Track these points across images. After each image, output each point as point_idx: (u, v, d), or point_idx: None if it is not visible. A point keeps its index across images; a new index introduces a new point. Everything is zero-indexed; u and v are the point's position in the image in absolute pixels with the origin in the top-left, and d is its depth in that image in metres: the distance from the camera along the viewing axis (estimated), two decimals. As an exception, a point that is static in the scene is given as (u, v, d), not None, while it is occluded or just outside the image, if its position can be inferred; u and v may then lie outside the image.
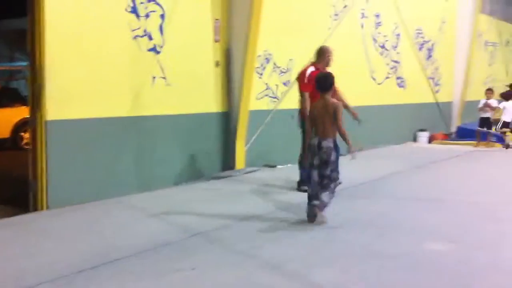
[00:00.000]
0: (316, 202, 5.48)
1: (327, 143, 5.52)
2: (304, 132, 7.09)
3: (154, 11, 7.19)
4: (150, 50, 7.16)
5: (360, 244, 4.90)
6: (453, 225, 5.65)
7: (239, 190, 7.32)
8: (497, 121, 13.65)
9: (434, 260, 4.48)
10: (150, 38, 7.14)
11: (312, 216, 5.53)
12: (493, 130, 13.32)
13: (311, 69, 7.06)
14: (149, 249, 4.67)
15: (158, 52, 7.27)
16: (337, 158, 5.76)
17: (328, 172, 5.55)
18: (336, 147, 5.64)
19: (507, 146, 12.76)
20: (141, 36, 7.02)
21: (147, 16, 7.08)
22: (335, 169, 5.75)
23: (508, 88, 18.77)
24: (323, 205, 5.52)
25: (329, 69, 6.85)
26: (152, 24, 7.17)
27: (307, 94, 6.98)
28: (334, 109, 5.53)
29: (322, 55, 7.17)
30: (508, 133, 13.43)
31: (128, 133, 6.98)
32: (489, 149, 12.70)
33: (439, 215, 6.08)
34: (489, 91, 13.51)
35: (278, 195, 7.03)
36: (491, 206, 6.54)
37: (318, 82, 5.79)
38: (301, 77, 7.08)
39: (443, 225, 5.63)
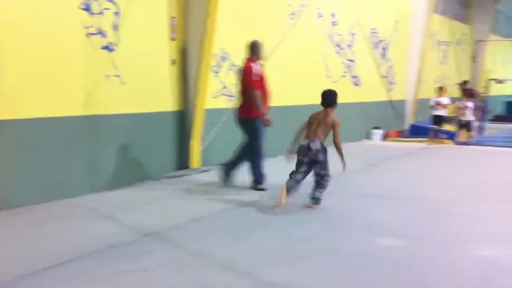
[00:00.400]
0: (290, 183, 6.25)
1: (315, 145, 6.23)
2: (257, 133, 7.09)
3: (108, 9, 7.10)
4: (104, 48, 7.07)
5: (312, 241, 4.99)
6: (405, 221, 5.82)
7: (192, 190, 7.32)
8: (453, 118, 14.12)
9: (385, 255, 4.62)
10: (104, 36, 7.05)
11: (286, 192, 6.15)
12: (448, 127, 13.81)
13: (256, 66, 7.09)
14: (100, 250, 4.63)
15: (112, 50, 7.18)
16: (325, 159, 6.34)
17: (323, 171, 6.32)
18: (324, 149, 6.29)
19: (464, 143, 13.16)
20: (95, 34, 6.92)
21: (100, 13, 6.99)
22: (326, 168, 6.38)
23: (458, 86, 19.42)
24: (318, 201, 6.34)
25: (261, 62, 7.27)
26: (106, 22, 7.08)
27: (258, 92, 6.99)
28: (333, 125, 6.31)
29: (257, 49, 7.18)
30: (463, 132, 13.88)
31: (81, 133, 6.88)
32: (441, 146, 13.07)
33: (391, 211, 6.24)
34: (441, 90, 13.92)
35: (231, 194, 7.05)
36: (442, 202, 6.75)
37: (326, 98, 6.44)
38: (247, 75, 7.00)
39: (394, 221, 5.80)
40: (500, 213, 6.24)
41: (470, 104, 13.80)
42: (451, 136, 14.02)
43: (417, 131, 14.84)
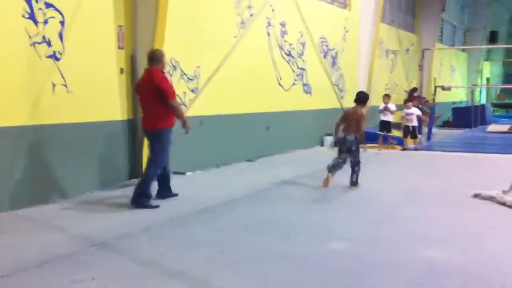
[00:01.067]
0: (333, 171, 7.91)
1: (350, 137, 7.97)
2: (164, 150, 6.95)
3: (53, 17, 6.99)
4: (49, 56, 6.94)
5: (264, 247, 5.04)
6: (354, 225, 5.94)
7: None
8: (399, 124, 14.53)
9: (334, 258, 4.71)
10: (49, 44, 6.93)
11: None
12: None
13: (166, 75, 7.07)
14: (47, 261, 4.54)
15: (58, 59, 7.07)
16: (357, 149, 8.10)
17: (357, 158, 8.06)
18: (356, 140, 8.00)
19: (414, 149, 13.54)
20: (40, 43, 6.79)
21: (45, 22, 6.87)
22: (358, 156, 8.10)
23: (407, 94, 19.99)
24: (356, 183, 8.09)
25: None
26: (51, 31, 6.95)
27: (176, 101, 7.16)
28: (361, 118, 8.02)
29: (160, 58, 6.92)
30: (409, 138, 14.29)
31: (27, 143, 6.71)
32: (390, 151, 13.39)
33: (339, 215, 6.37)
34: (386, 97, 14.47)
35: (182, 201, 7.05)
36: (384, 206, 6.93)
37: (357, 97, 8.35)
38: (163, 84, 6.75)
39: (343, 225, 5.91)
40: (442, 217, 6.44)
41: (415, 110, 14.18)
42: (400, 141, 14.39)
43: (368, 137, 15.08)
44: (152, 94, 6.74)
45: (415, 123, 14.06)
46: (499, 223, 6.10)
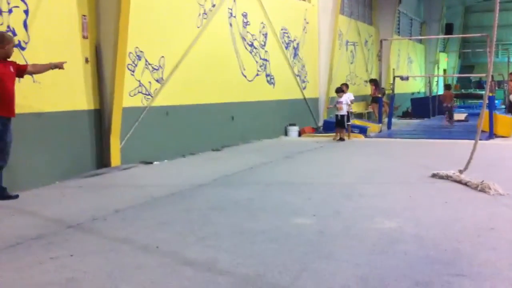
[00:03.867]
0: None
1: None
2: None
3: (17, 7, 7.02)
4: (14, 46, 6.96)
5: (231, 224, 5.26)
6: (315, 203, 6.22)
7: (113, 185, 7.41)
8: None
9: (299, 231, 4.97)
10: (14, 34, 6.96)
11: None
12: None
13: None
14: (23, 242, 4.66)
15: (23, 49, 7.10)
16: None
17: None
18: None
19: (341, 139, 13.43)
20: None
21: (10, 11, 6.90)
22: None
23: (368, 84, 20.50)
24: None
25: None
26: (15, 20, 6.99)
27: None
28: None
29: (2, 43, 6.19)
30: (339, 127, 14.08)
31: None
32: (353, 139, 13.73)
33: (303, 196, 6.63)
34: (345, 86, 15.07)
35: (151, 187, 7.23)
36: (346, 186, 7.26)
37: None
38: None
39: (306, 203, 6.18)
40: (400, 194, 6.78)
41: (344, 99, 13.67)
42: (362, 130, 14.80)
43: (329, 127, 15.50)
44: None
45: (344, 112, 13.56)
46: (453, 197, 6.46)
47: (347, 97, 13.85)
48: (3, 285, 3.70)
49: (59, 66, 6.81)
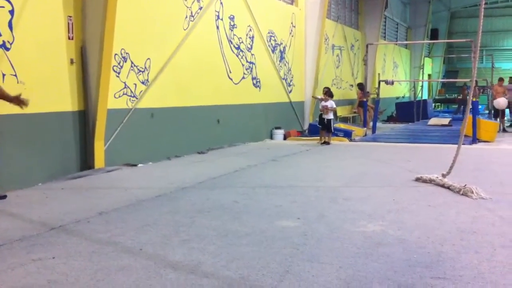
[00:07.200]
0: None
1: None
2: None
3: (2, 7, 6.96)
4: (-1, 46, 6.93)
5: (216, 227, 5.25)
6: (300, 206, 6.23)
7: (97, 187, 7.36)
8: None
9: (283, 234, 4.98)
10: (-2, 34, 6.91)
11: None
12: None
13: None
14: (5, 244, 4.62)
15: (8, 49, 7.04)
16: None
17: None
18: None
19: (325, 143, 13.43)
20: (-12, 32, 6.77)
21: (-6, 11, 6.85)
22: None
23: (356, 88, 20.61)
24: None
25: None
26: (0, 20, 6.93)
27: None
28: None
29: None
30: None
31: (-24, 133, 6.68)
32: (336, 143, 13.79)
33: (288, 199, 6.64)
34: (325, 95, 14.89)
35: (135, 190, 7.19)
36: (331, 189, 7.28)
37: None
38: None
39: (291, 207, 6.19)
40: (385, 197, 6.83)
41: (329, 103, 13.61)
42: (347, 134, 14.88)
43: (315, 130, 15.56)
44: None
45: (330, 116, 13.45)
46: (437, 201, 6.52)
47: (331, 103, 13.71)
48: (-16, 287, 3.67)
49: (24, 102, 6.42)
